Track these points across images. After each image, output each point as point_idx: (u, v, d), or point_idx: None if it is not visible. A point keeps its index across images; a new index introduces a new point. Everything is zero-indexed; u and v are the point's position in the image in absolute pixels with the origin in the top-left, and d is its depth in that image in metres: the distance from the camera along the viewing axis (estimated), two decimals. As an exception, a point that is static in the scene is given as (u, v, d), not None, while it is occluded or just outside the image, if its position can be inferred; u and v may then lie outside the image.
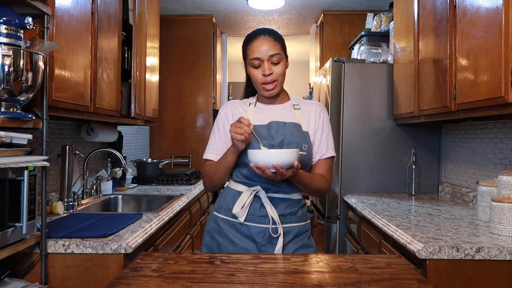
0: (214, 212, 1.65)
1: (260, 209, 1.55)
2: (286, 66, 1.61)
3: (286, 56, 1.61)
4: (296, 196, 1.60)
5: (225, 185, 1.68)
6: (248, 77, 1.65)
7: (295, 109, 1.63)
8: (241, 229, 1.57)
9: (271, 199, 1.55)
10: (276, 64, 1.55)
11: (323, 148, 1.62)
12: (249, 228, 1.55)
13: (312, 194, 1.67)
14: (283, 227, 1.55)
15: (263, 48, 1.53)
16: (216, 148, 1.63)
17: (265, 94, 1.60)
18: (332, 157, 1.64)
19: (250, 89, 1.70)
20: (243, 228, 1.56)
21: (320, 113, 1.64)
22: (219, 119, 1.66)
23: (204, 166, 1.66)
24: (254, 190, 1.55)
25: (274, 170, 1.38)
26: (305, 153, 1.56)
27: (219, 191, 2.05)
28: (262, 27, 1.62)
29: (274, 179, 1.44)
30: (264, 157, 1.37)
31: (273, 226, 1.53)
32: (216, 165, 1.59)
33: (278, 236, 1.53)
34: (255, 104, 1.65)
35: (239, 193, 1.58)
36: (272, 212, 1.53)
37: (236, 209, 1.54)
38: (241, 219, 1.55)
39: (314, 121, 1.62)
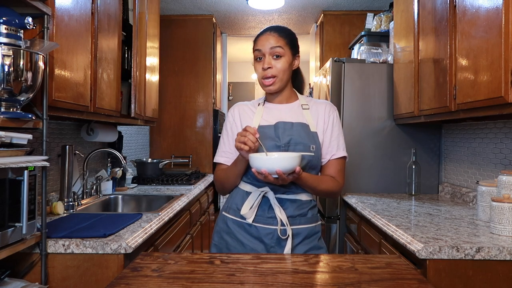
0: (223, 212, 1.65)
1: (268, 210, 1.54)
2: (292, 64, 1.58)
3: (294, 53, 1.59)
4: (305, 197, 1.58)
5: None
6: None
7: (303, 109, 1.62)
8: (249, 230, 1.56)
9: (279, 200, 1.54)
10: (277, 58, 1.54)
11: (333, 148, 1.60)
12: (257, 229, 1.55)
13: (321, 196, 1.65)
14: (292, 229, 1.53)
15: (266, 41, 1.55)
16: (226, 151, 1.64)
17: (264, 89, 1.60)
18: (344, 157, 1.62)
19: None
20: (252, 229, 1.55)
21: (330, 112, 1.62)
22: (227, 122, 1.66)
23: (216, 170, 1.67)
24: (263, 191, 1.54)
25: (276, 176, 1.38)
26: (313, 154, 1.54)
27: None
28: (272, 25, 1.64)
29: (275, 184, 1.44)
30: (267, 163, 1.37)
31: (282, 227, 1.52)
32: (227, 171, 1.59)
33: (287, 238, 1.52)
34: (264, 104, 1.65)
35: (248, 194, 1.57)
36: (280, 213, 1.52)
37: (244, 210, 1.54)
38: (249, 220, 1.54)
39: (323, 120, 1.60)
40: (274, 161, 1.36)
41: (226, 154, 1.63)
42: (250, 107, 1.66)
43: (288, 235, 1.52)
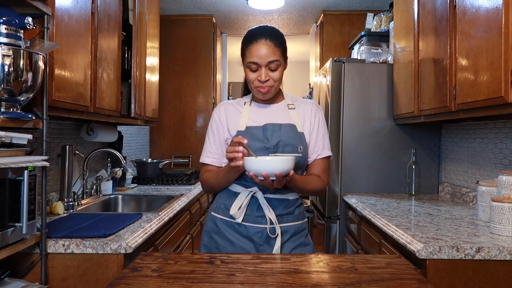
0: (212, 213, 1.65)
1: (257, 210, 1.55)
2: (284, 69, 1.58)
3: (286, 59, 1.57)
4: (292, 196, 1.61)
5: None
6: None
7: (289, 109, 1.63)
8: (239, 229, 1.57)
9: (268, 200, 1.55)
10: (274, 70, 1.52)
11: (319, 148, 1.62)
12: (247, 228, 1.56)
13: (307, 195, 1.67)
14: (280, 227, 1.55)
15: (262, 53, 1.48)
16: (212, 151, 1.64)
17: (258, 97, 1.59)
18: (328, 157, 1.64)
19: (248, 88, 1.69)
20: (241, 228, 1.56)
21: (316, 112, 1.64)
22: (212, 122, 1.65)
23: (202, 171, 1.66)
24: (251, 191, 1.55)
25: (274, 178, 1.37)
26: (301, 155, 1.56)
27: None
28: (264, 26, 1.56)
29: (269, 187, 1.44)
30: (267, 166, 1.35)
31: (271, 226, 1.54)
32: (217, 177, 1.59)
33: (276, 236, 1.53)
34: (250, 103, 1.64)
35: (236, 194, 1.58)
36: (269, 212, 1.53)
37: (233, 210, 1.54)
38: (239, 220, 1.55)
39: (310, 121, 1.62)
40: (274, 164, 1.35)
41: (212, 155, 1.63)
42: (236, 106, 1.65)
43: (277, 234, 1.53)
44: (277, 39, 1.52)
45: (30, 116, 1.45)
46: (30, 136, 1.42)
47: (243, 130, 1.57)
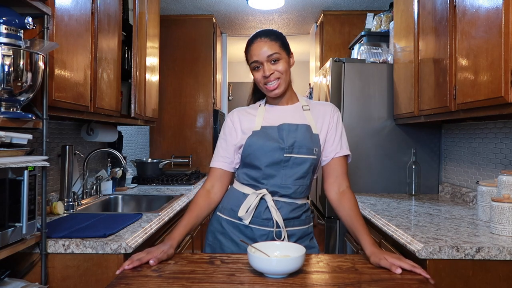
0: (218, 213, 1.64)
1: (264, 212, 1.54)
2: (289, 64, 1.58)
3: (288, 54, 1.58)
4: (301, 201, 1.59)
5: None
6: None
7: (304, 110, 1.62)
8: (245, 231, 1.56)
9: (276, 203, 1.54)
10: (275, 62, 1.53)
11: (337, 146, 1.59)
12: (252, 230, 1.55)
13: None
14: (286, 231, 1.54)
15: (260, 50, 1.52)
16: (223, 156, 1.62)
17: (269, 95, 1.58)
18: (347, 156, 1.62)
19: (257, 95, 1.69)
20: (247, 230, 1.56)
21: (333, 112, 1.63)
22: (225, 127, 1.64)
23: (208, 176, 1.64)
24: (260, 194, 1.54)
25: (284, 276, 1.22)
26: (316, 157, 1.55)
27: None
28: (261, 29, 1.61)
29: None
30: (273, 266, 1.21)
31: (277, 229, 1.53)
32: (185, 216, 1.56)
33: (282, 240, 1.52)
34: (265, 105, 1.64)
35: (245, 195, 1.56)
36: (277, 216, 1.52)
37: (241, 213, 1.53)
38: (246, 222, 1.54)
39: (328, 122, 1.60)
40: (282, 265, 1.21)
41: (223, 159, 1.62)
42: (249, 110, 1.65)
43: (284, 238, 1.52)
44: (273, 35, 1.57)
45: (30, 116, 1.45)
46: (30, 136, 1.42)
47: (258, 129, 1.56)
